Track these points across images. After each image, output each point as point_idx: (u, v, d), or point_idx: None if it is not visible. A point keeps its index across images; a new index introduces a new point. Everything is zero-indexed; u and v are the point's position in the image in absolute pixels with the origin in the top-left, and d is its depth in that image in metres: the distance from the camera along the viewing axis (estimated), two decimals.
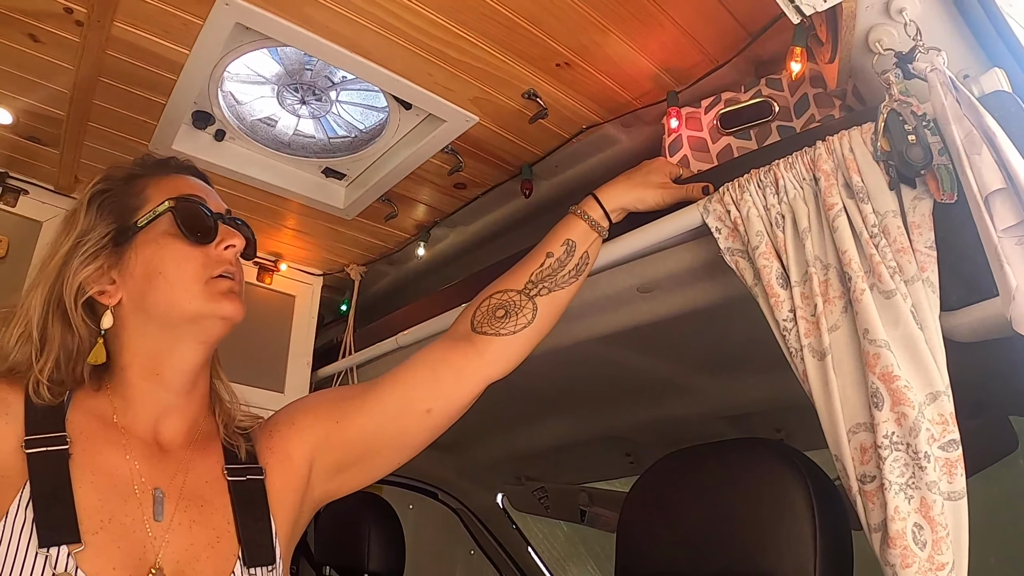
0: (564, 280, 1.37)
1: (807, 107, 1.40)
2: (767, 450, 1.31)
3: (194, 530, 1.07)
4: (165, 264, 1.13)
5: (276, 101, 1.81)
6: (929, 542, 0.94)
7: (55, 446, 1.01)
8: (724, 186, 1.28)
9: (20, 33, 1.45)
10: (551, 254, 1.38)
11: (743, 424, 2.22)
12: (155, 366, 1.14)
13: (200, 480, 1.13)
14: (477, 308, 1.37)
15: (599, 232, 1.41)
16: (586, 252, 1.39)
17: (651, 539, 1.39)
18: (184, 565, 1.03)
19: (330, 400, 1.32)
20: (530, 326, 1.34)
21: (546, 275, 1.36)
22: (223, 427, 1.21)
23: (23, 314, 1.11)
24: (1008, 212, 0.93)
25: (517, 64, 1.52)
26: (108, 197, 1.18)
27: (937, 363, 1.00)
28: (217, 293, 1.14)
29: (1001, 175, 0.92)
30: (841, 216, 1.11)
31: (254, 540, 1.10)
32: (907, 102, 1.02)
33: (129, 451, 1.08)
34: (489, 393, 2.28)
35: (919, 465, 0.96)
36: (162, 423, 1.14)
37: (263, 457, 1.21)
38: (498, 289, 1.38)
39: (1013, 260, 0.92)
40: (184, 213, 1.17)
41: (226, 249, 1.18)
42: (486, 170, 1.93)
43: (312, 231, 2.27)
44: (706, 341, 1.82)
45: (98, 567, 0.95)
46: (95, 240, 1.14)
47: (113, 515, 1.01)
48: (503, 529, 3.35)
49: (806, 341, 1.13)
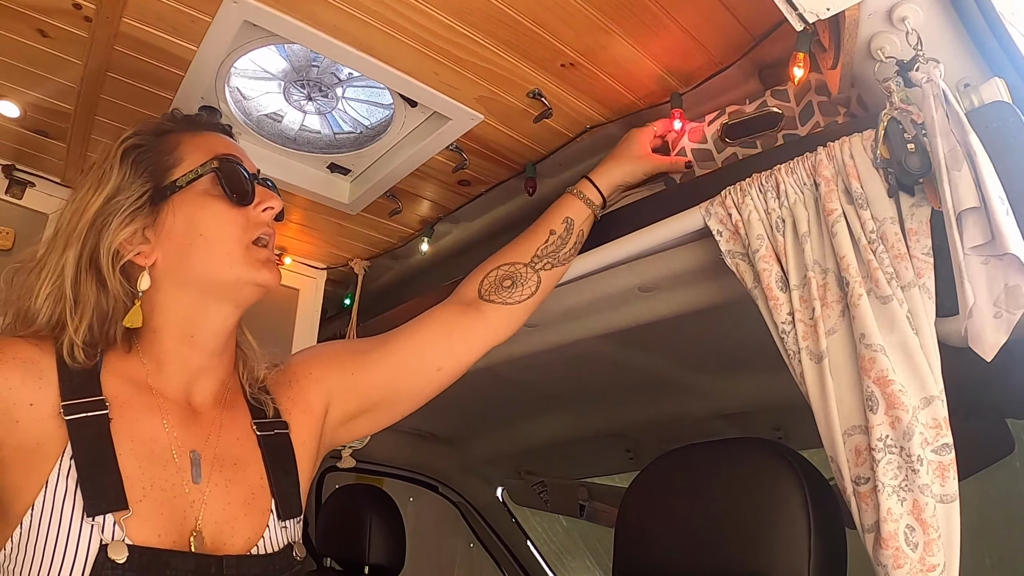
0: (565, 257, 1.48)
1: (812, 115, 1.41)
2: (763, 449, 1.32)
3: (230, 489, 1.09)
4: (207, 225, 1.12)
5: (282, 97, 1.82)
6: (921, 544, 0.96)
7: (95, 411, 1.00)
8: (726, 189, 1.30)
9: (29, 28, 1.46)
10: (554, 231, 1.48)
11: (742, 423, 2.24)
12: (189, 328, 1.13)
13: (232, 438, 1.15)
14: (485, 277, 1.46)
15: (593, 210, 1.52)
16: (582, 230, 1.50)
17: (649, 536, 1.41)
18: (223, 524, 1.05)
19: (346, 351, 1.36)
20: (532, 297, 1.44)
21: (550, 251, 1.46)
22: (248, 386, 1.22)
23: (52, 272, 1.08)
24: (977, 231, 0.95)
25: (523, 64, 1.53)
26: (142, 153, 1.15)
27: (932, 368, 1.02)
28: (257, 261, 1.15)
29: (976, 194, 0.94)
30: (840, 222, 1.12)
31: (285, 493, 1.14)
32: (907, 110, 1.04)
33: (164, 415, 1.09)
34: (490, 387, 2.31)
35: (912, 468, 0.98)
36: (194, 385, 1.15)
37: (285, 409, 1.24)
38: (505, 261, 1.47)
39: (975, 278, 0.95)
40: (227, 174, 1.15)
41: (264, 211, 1.18)
42: (490, 168, 1.94)
43: (317, 226, 2.28)
44: (706, 341, 1.84)
45: (144, 534, 0.96)
46: (133, 199, 1.11)
47: (154, 482, 1.02)
48: (503, 523, 3.38)
49: (804, 344, 1.14)
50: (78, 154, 1.90)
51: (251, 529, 1.08)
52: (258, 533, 1.08)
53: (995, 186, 0.96)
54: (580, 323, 1.73)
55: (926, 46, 1.03)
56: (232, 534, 1.06)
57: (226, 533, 1.05)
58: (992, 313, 0.95)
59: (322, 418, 1.28)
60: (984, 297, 0.98)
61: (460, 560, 3.59)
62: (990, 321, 0.97)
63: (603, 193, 1.52)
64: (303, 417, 1.25)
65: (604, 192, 1.52)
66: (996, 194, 0.95)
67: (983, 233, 0.96)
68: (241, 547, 1.05)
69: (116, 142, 1.17)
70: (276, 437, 1.19)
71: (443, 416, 2.81)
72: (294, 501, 1.15)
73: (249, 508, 1.09)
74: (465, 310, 1.42)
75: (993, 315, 0.95)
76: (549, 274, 1.46)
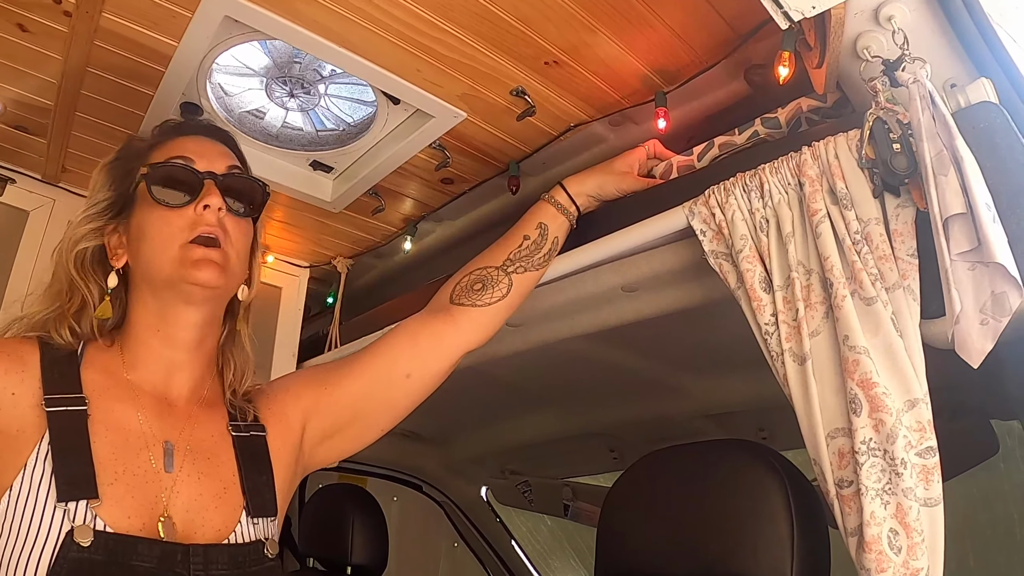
0: (539, 262, 1.47)
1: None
2: (746, 451, 1.32)
3: (202, 481, 1.12)
4: (149, 227, 1.18)
5: (264, 94, 1.80)
6: (904, 547, 0.96)
7: (74, 406, 1.06)
8: (709, 189, 1.29)
9: (8, 23, 1.44)
10: (527, 236, 1.48)
11: (727, 423, 2.23)
12: (159, 324, 1.19)
13: (206, 434, 1.18)
14: (457, 283, 1.47)
15: (567, 217, 1.51)
16: (556, 237, 1.50)
17: (630, 537, 1.40)
18: (193, 514, 1.08)
19: (322, 370, 1.41)
20: (504, 299, 1.44)
21: (523, 256, 1.46)
22: (230, 392, 1.25)
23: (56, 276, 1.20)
24: (964, 238, 0.95)
25: (506, 62, 1.52)
26: (114, 165, 1.26)
27: (916, 370, 1.02)
28: (189, 260, 1.15)
29: (963, 200, 0.93)
30: (825, 222, 1.11)
31: (258, 492, 1.16)
32: (893, 110, 1.03)
33: (139, 406, 1.13)
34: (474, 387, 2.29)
35: (896, 471, 0.98)
36: (171, 379, 1.20)
37: (263, 417, 1.28)
38: (477, 266, 1.47)
39: (961, 285, 0.95)
40: (156, 178, 1.18)
41: (205, 209, 1.18)
42: (473, 166, 1.93)
43: (299, 223, 2.26)
44: (690, 341, 1.83)
45: (114, 516, 1.00)
46: (98, 204, 1.22)
47: (127, 467, 1.06)
48: (487, 522, 3.37)
49: (787, 345, 1.14)
50: (59, 150, 1.88)
51: (222, 522, 1.10)
52: (229, 526, 1.10)
53: (982, 192, 0.95)
54: (563, 323, 1.72)
55: (913, 46, 1.03)
56: (203, 524, 1.08)
57: (196, 523, 1.07)
58: (979, 320, 0.95)
59: (300, 434, 1.31)
60: (971, 304, 0.97)
61: (444, 559, 3.58)
62: (976, 328, 0.97)
63: (575, 200, 1.51)
64: (280, 427, 1.28)
65: (576, 199, 1.51)
66: (983, 200, 0.94)
67: (969, 240, 0.96)
68: (211, 538, 1.07)
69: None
70: (251, 439, 1.22)
71: (427, 416, 2.77)
72: (267, 500, 1.16)
73: (220, 502, 1.11)
74: (434, 316, 1.44)
75: (980, 322, 0.95)
76: (522, 278, 1.46)
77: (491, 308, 1.43)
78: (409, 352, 1.39)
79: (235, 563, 1.06)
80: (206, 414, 1.21)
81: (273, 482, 1.20)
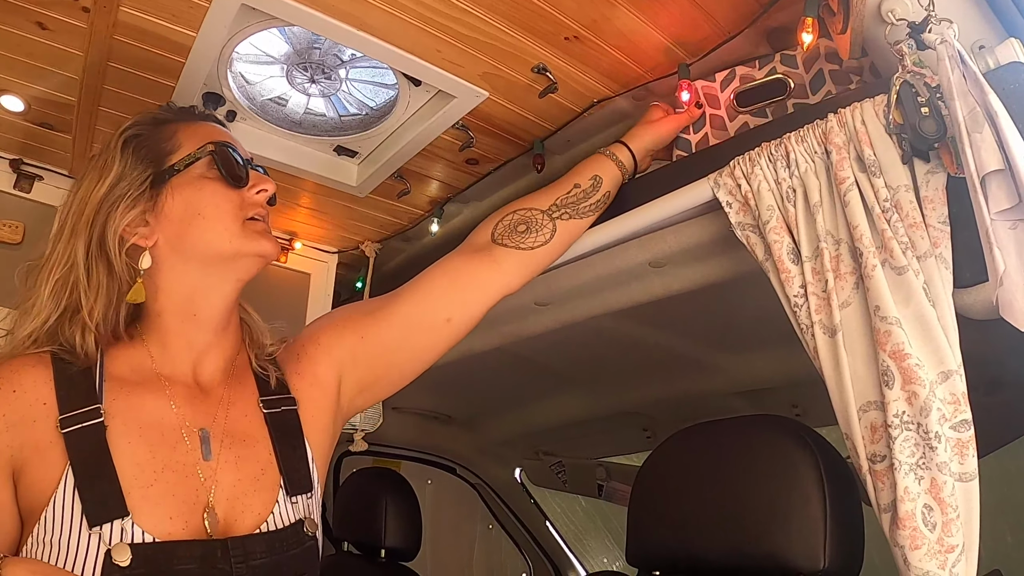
0: (585, 210, 1.44)
1: (823, 83, 1.36)
2: (777, 427, 1.30)
3: (240, 465, 1.12)
4: (204, 205, 1.17)
5: (286, 80, 1.80)
6: (939, 524, 0.93)
7: (90, 420, 1.03)
8: (735, 159, 1.26)
9: (28, 21, 1.45)
10: (578, 185, 1.46)
11: (760, 400, 2.21)
12: (191, 306, 1.18)
13: (240, 415, 1.18)
14: (499, 221, 1.44)
15: (624, 173, 1.50)
16: (608, 191, 1.47)
17: (661, 517, 1.39)
18: (234, 500, 1.08)
19: (353, 316, 1.36)
20: (547, 244, 1.40)
21: (570, 202, 1.43)
22: (254, 357, 1.25)
23: (61, 261, 1.13)
24: (1003, 195, 0.91)
25: (526, 38, 1.50)
26: (141, 142, 1.20)
27: (950, 341, 0.99)
28: (254, 232, 1.19)
29: (1000, 156, 0.90)
30: (853, 190, 1.08)
31: (294, 469, 1.16)
32: (920, 73, 1.00)
33: (171, 397, 1.13)
34: (504, 368, 2.30)
35: (930, 445, 0.95)
36: (201, 363, 1.19)
37: (293, 384, 1.26)
38: (522, 207, 1.45)
39: (1004, 244, 0.91)
40: (223, 157, 1.20)
41: (258, 193, 1.23)
42: (498, 145, 1.91)
43: (326, 209, 2.26)
44: (720, 316, 1.81)
45: (153, 521, 0.99)
46: (135, 185, 1.16)
47: (166, 464, 1.05)
48: (521, 504, 3.38)
49: (817, 318, 1.11)
50: (84, 146, 1.90)
51: (261, 505, 1.10)
52: (268, 509, 1.10)
53: (1019, 146, 0.91)
54: (591, 300, 1.71)
55: (938, 7, 0.99)
56: (243, 510, 1.08)
57: (237, 509, 1.08)
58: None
59: (335, 389, 1.30)
60: (1014, 264, 0.93)
61: (479, 542, 3.60)
62: (1022, 288, 0.93)
63: (635, 156, 1.50)
64: (312, 391, 1.27)
65: (637, 155, 1.51)
66: (1021, 155, 0.91)
67: (1009, 196, 0.92)
68: (251, 524, 1.07)
69: (116, 133, 1.22)
70: (283, 414, 1.21)
71: (458, 398, 2.81)
72: (303, 476, 1.17)
73: (259, 484, 1.12)
74: (474, 255, 1.40)
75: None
76: (567, 224, 1.42)
77: (535, 252, 1.40)
78: (450, 294, 1.35)
79: (273, 550, 1.06)
80: (238, 394, 1.20)
81: (307, 455, 1.19)
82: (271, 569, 1.05)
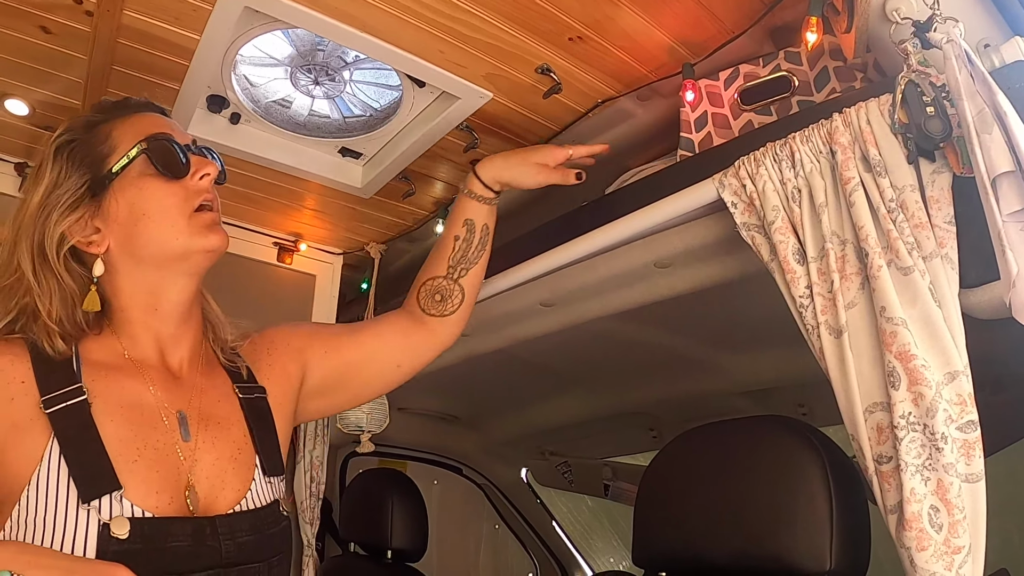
0: (475, 256, 1.53)
1: (828, 80, 1.36)
2: (782, 427, 1.29)
3: (217, 446, 1.14)
4: (148, 205, 1.15)
5: (290, 82, 1.80)
6: (945, 525, 0.93)
7: (74, 399, 1.04)
8: (739, 160, 1.25)
9: (32, 26, 1.46)
10: (457, 236, 1.53)
11: (766, 400, 2.19)
12: (153, 302, 1.18)
13: (214, 400, 1.20)
14: (419, 293, 1.55)
15: (487, 202, 1.53)
16: (485, 225, 1.53)
17: (667, 517, 1.39)
18: (213, 479, 1.11)
19: (321, 331, 1.49)
20: (463, 303, 1.53)
21: (460, 257, 1.52)
22: (220, 351, 1.28)
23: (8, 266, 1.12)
24: (1014, 196, 0.90)
25: (529, 39, 1.50)
26: (75, 147, 1.17)
27: (956, 342, 0.98)
28: (202, 227, 1.18)
29: (1010, 157, 0.89)
30: (858, 190, 1.08)
31: (268, 451, 1.20)
32: (925, 73, 0.99)
33: (148, 380, 1.14)
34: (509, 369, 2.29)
35: (936, 446, 0.94)
36: (168, 353, 1.20)
37: (262, 374, 1.30)
38: (429, 276, 1.55)
39: (1016, 246, 0.90)
40: (157, 152, 1.17)
41: (202, 179, 1.20)
42: (502, 146, 1.91)
43: (331, 211, 2.27)
44: (725, 317, 1.80)
45: (142, 495, 1.01)
46: (71, 191, 1.14)
47: (147, 442, 1.07)
48: (528, 504, 3.37)
49: (823, 318, 1.11)
50: None
51: (239, 483, 1.13)
52: (245, 488, 1.14)
53: None
54: (596, 301, 1.71)
55: (943, 6, 0.98)
56: (222, 489, 1.11)
57: (216, 488, 1.10)
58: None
59: (298, 386, 1.36)
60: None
61: (485, 542, 3.60)
62: None
63: (490, 186, 1.52)
64: (279, 381, 1.32)
65: (491, 186, 1.52)
66: None
67: (1021, 198, 0.91)
68: (230, 502, 1.11)
69: (50, 140, 1.19)
70: (256, 400, 1.26)
71: (464, 398, 2.81)
72: (276, 460, 1.22)
73: (236, 464, 1.15)
74: (414, 321, 1.53)
75: None
76: (468, 278, 1.53)
77: (456, 314, 1.53)
78: (401, 347, 1.49)
79: (256, 528, 1.10)
80: (209, 380, 1.23)
81: (278, 442, 1.24)
82: (254, 546, 1.08)
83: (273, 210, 2.25)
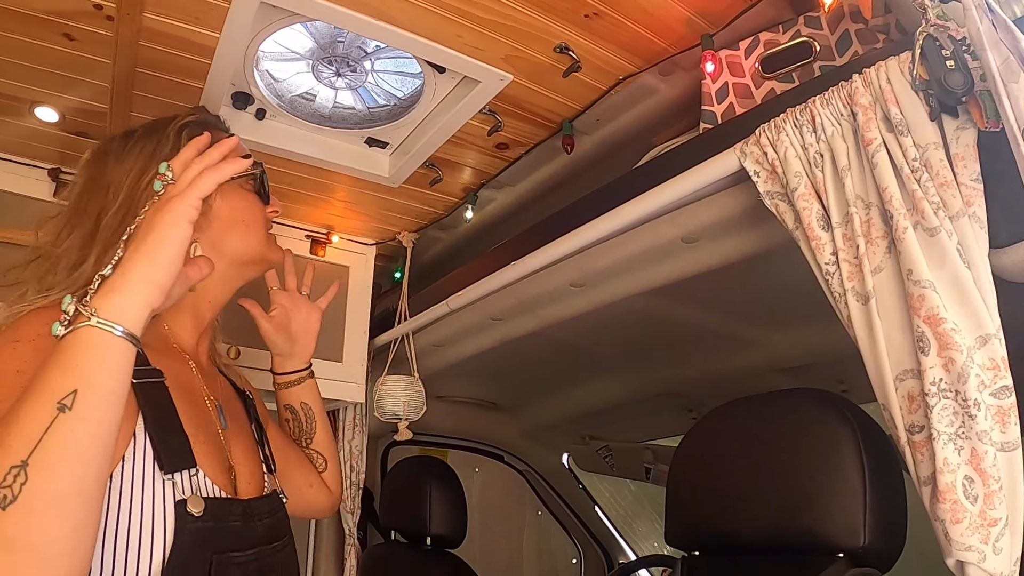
0: (311, 428, 1.66)
1: (850, 44, 1.32)
2: (814, 400, 1.26)
3: (240, 437, 1.24)
4: (247, 215, 1.30)
5: (312, 75, 1.81)
6: (981, 496, 0.89)
7: (154, 377, 1.08)
8: (760, 127, 1.22)
9: (55, 33, 1.48)
10: (287, 420, 1.66)
11: (805, 376, 2.15)
12: (211, 292, 1.28)
13: (229, 394, 1.34)
14: None
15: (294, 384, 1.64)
16: (302, 402, 1.65)
17: (697, 495, 1.37)
18: (243, 466, 1.19)
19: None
20: (328, 464, 1.66)
21: (298, 432, 1.65)
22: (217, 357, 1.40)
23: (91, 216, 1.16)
24: None
25: (545, 18, 1.48)
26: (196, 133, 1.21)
27: (987, 304, 0.94)
28: (274, 244, 1.37)
29: None
30: (881, 151, 1.04)
31: (268, 451, 1.34)
32: (944, 26, 0.95)
33: (193, 368, 1.23)
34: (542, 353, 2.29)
35: (969, 414, 0.91)
36: (199, 342, 1.30)
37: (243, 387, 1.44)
38: None
39: None
40: (262, 177, 1.35)
41: (272, 212, 1.37)
42: (526, 128, 1.90)
43: (361, 201, 2.28)
44: (757, 290, 1.77)
45: (211, 474, 1.07)
46: None
47: (199, 425, 1.12)
48: (570, 489, 3.36)
49: (849, 285, 1.08)
50: None
51: (259, 471, 1.23)
52: (262, 477, 1.24)
53: None
54: (625, 280, 1.69)
55: None
56: (250, 476, 1.19)
57: (245, 475, 1.18)
58: None
59: None
60: None
61: (528, 528, 3.60)
62: None
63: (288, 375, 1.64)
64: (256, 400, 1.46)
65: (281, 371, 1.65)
66: None
67: None
68: (257, 487, 1.19)
69: (176, 118, 1.28)
70: (251, 403, 1.40)
71: (501, 384, 2.81)
72: (270, 456, 1.34)
73: (253, 455, 1.25)
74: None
75: None
76: (316, 445, 1.65)
77: (329, 473, 1.65)
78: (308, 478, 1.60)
79: (271, 511, 1.19)
80: (219, 377, 1.34)
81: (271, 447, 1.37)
82: (271, 528, 1.16)
83: (303, 203, 2.26)
